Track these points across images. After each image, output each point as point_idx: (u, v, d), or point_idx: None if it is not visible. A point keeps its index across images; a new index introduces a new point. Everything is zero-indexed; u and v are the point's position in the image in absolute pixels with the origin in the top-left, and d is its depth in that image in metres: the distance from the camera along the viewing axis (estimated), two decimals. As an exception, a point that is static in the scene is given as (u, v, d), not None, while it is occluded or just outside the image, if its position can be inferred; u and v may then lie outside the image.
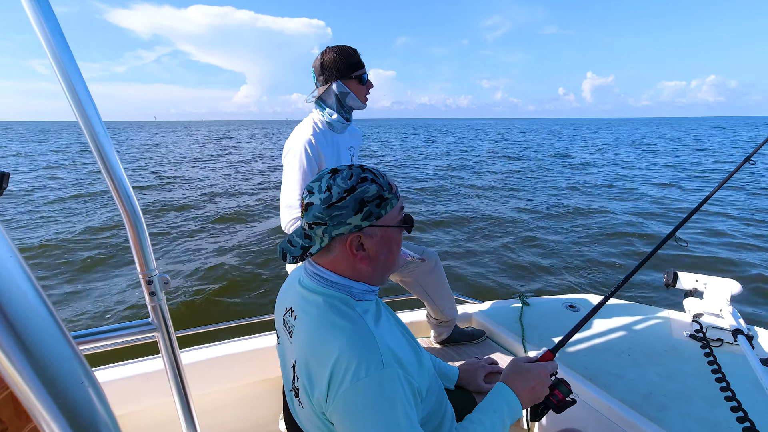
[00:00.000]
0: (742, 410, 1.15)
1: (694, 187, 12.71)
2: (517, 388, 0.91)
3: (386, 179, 0.84)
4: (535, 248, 6.95)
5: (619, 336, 1.88)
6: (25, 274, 0.29)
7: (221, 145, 36.62)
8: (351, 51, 1.64)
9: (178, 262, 6.64)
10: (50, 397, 0.30)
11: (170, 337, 1.11)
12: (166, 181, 15.38)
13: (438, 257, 1.94)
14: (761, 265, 5.91)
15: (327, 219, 0.79)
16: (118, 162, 0.93)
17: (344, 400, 0.71)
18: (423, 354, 0.87)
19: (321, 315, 0.80)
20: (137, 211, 0.98)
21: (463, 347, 2.03)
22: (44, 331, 0.30)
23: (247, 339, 1.89)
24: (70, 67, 0.85)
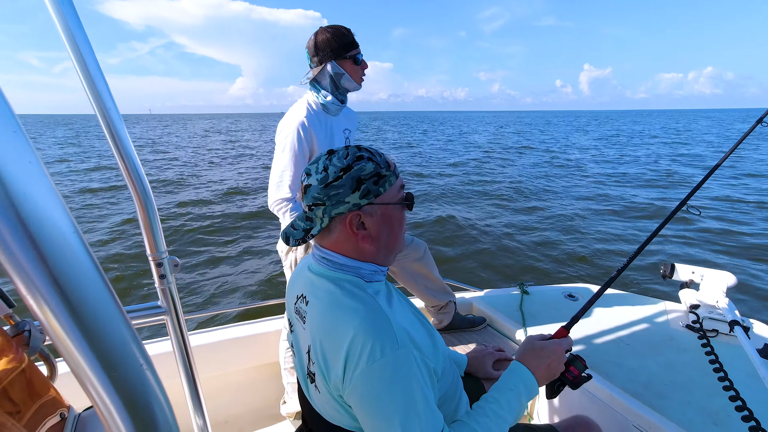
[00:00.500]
0: (741, 399, 1.17)
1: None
2: (532, 366, 0.90)
3: (384, 157, 0.83)
4: (536, 237, 7.01)
5: (619, 326, 1.91)
6: (87, 252, 0.28)
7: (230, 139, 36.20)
8: (345, 30, 1.61)
9: (186, 245, 6.61)
10: (110, 382, 0.29)
11: (179, 320, 1.10)
12: (177, 170, 15.27)
13: (426, 246, 1.94)
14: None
15: (325, 199, 0.78)
16: (131, 143, 0.91)
17: (361, 382, 0.71)
18: (437, 335, 0.87)
19: (333, 298, 0.79)
20: (148, 192, 0.96)
21: (464, 334, 2.05)
22: (105, 312, 0.29)
23: (251, 323, 1.89)
24: (86, 50, 0.85)
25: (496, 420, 0.81)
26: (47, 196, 0.26)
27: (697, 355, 1.65)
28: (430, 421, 0.71)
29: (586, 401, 1.53)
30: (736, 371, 1.36)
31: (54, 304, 0.26)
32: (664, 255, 6.16)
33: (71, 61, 0.84)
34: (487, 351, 1.23)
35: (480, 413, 0.82)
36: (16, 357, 0.79)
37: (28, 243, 0.25)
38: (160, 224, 1.01)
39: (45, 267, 0.25)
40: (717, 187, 11.02)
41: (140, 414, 0.31)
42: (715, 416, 1.33)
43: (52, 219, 0.26)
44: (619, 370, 1.57)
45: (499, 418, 0.81)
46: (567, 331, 1.02)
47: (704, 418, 1.32)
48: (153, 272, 1.04)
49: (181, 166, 16.69)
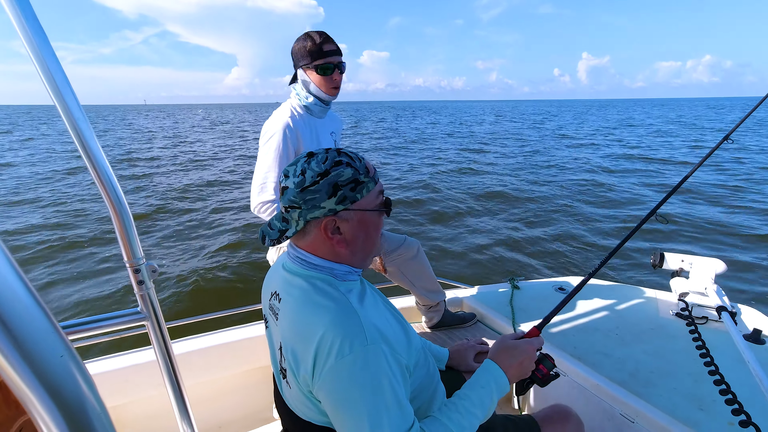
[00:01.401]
0: (725, 383, 1.18)
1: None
2: (504, 364, 0.92)
3: (363, 162, 0.83)
4: (526, 232, 7.01)
5: (607, 316, 1.91)
6: (6, 258, 0.29)
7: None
8: (314, 38, 1.57)
9: (167, 251, 6.61)
10: (31, 372, 0.30)
11: (160, 326, 1.11)
12: (153, 166, 15.23)
13: (419, 245, 1.95)
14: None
15: (301, 203, 0.79)
16: (100, 149, 0.91)
17: (330, 378, 0.72)
18: (411, 330, 0.88)
19: (304, 295, 0.80)
20: (122, 198, 0.96)
21: (454, 331, 2.05)
22: (22, 307, 0.30)
23: (238, 328, 1.89)
24: (45, 51, 0.82)
25: (467, 416, 0.81)
26: None
27: (686, 342, 1.65)
28: (398, 415, 0.72)
29: (574, 391, 1.54)
30: (723, 357, 1.36)
31: None
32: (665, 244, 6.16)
33: (34, 66, 0.82)
34: (468, 344, 1.24)
35: (452, 409, 0.83)
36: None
37: None
38: (135, 230, 1.01)
39: None
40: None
41: (65, 401, 0.32)
42: (701, 401, 1.34)
43: None
44: (607, 360, 1.58)
45: (470, 414, 0.82)
46: (539, 331, 1.04)
47: (690, 404, 1.33)
48: (131, 279, 1.04)
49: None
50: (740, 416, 1.08)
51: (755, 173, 11.82)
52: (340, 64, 1.61)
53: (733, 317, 1.59)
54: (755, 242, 6.23)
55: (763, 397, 1.14)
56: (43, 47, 0.81)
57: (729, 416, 1.11)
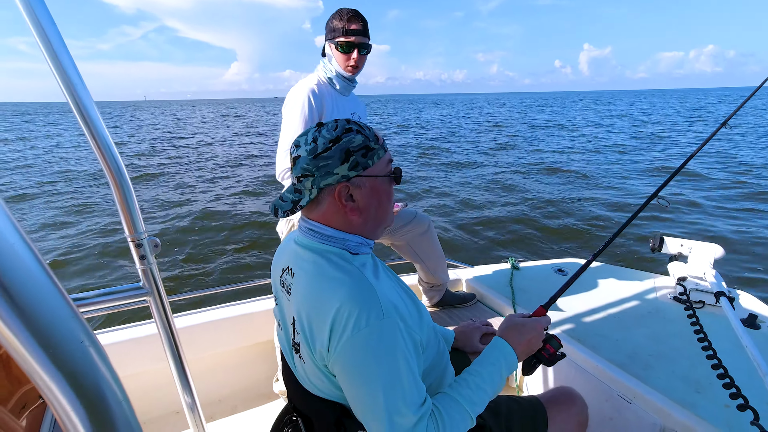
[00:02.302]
0: (723, 367, 1.19)
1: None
2: (513, 342, 0.93)
3: (372, 131, 0.83)
4: (528, 214, 7.03)
5: (607, 299, 1.93)
6: (17, 232, 0.27)
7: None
8: (341, 14, 1.61)
9: (168, 225, 6.58)
10: (48, 359, 0.28)
11: (162, 301, 1.09)
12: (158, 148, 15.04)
13: (430, 221, 1.94)
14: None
15: (314, 170, 0.79)
16: (100, 119, 0.88)
17: (346, 351, 0.72)
18: (423, 308, 0.88)
19: (319, 269, 0.80)
20: (123, 171, 0.93)
21: (454, 310, 2.06)
22: (40, 291, 0.27)
23: (240, 304, 1.89)
24: (51, 31, 0.81)
25: (477, 391, 0.82)
26: None
27: (683, 326, 1.67)
28: (413, 390, 0.72)
29: (573, 372, 1.55)
30: (720, 340, 1.37)
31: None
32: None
33: (36, 42, 0.81)
34: (474, 325, 1.24)
35: (463, 385, 0.83)
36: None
37: None
38: (137, 204, 0.99)
39: None
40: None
41: (85, 388, 0.30)
42: (698, 384, 1.36)
43: None
44: (606, 342, 1.59)
45: (480, 390, 0.83)
46: (545, 310, 1.05)
47: (687, 386, 1.35)
48: (133, 253, 1.02)
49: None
50: (738, 399, 1.10)
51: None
52: (362, 45, 1.63)
53: (731, 302, 1.60)
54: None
55: (760, 381, 1.16)
56: (51, 32, 0.81)
57: (725, 399, 1.13)
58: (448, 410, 0.77)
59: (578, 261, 2.38)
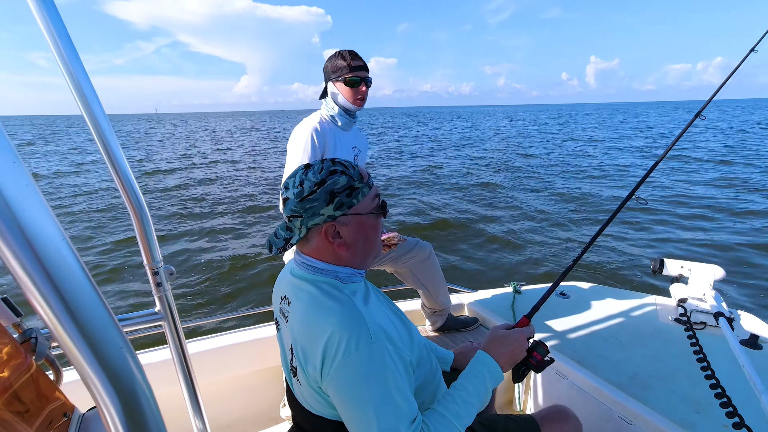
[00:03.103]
0: (720, 387, 1.22)
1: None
2: (495, 354, 0.96)
3: (357, 170, 0.90)
4: (527, 238, 7.04)
5: (607, 320, 1.95)
6: (74, 256, 0.35)
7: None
8: (342, 54, 1.75)
9: (183, 254, 6.70)
10: (97, 360, 0.35)
11: (176, 327, 1.16)
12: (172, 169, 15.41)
13: (431, 248, 2.01)
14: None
15: (302, 212, 0.85)
16: (123, 156, 0.98)
17: (337, 374, 0.78)
18: (413, 328, 0.94)
19: (312, 299, 0.86)
20: (143, 204, 1.02)
21: (457, 334, 2.09)
22: (90, 302, 0.35)
23: (249, 329, 1.95)
24: (74, 62, 0.88)
25: (463, 405, 0.87)
26: (42, 213, 0.33)
27: (684, 347, 1.69)
28: (404, 408, 0.78)
29: (573, 393, 1.57)
30: (719, 361, 1.39)
31: (55, 306, 0.33)
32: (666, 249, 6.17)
33: (62, 76, 0.87)
34: (472, 346, 1.29)
35: (449, 400, 0.88)
36: (25, 362, 0.86)
37: (34, 258, 0.31)
38: (155, 234, 1.07)
39: (49, 279, 0.32)
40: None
41: (122, 385, 0.37)
42: (697, 404, 1.37)
43: (46, 232, 0.33)
44: (606, 363, 1.62)
45: (466, 403, 0.87)
46: (529, 320, 1.08)
47: (686, 406, 1.37)
48: (150, 281, 1.10)
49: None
50: (734, 418, 1.12)
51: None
52: (366, 79, 1.77)
53: (730, 323, 1.62)
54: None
55: (756, 400, 1.18)
56: (72, 59, 0.87)
57: (723, 419, 1.14)
58: (435, 426, 0.82)
59: (579, 284, 2.41)
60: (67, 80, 0.89)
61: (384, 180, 13.01)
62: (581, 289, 2.34)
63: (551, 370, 1.68)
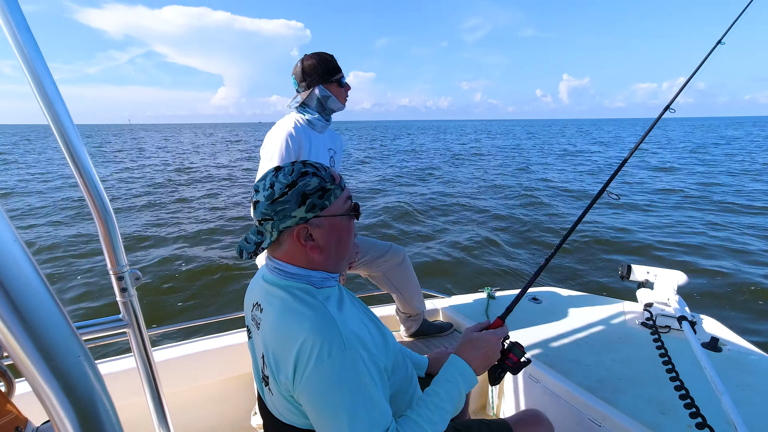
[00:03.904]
0: (684, 389, 1.26)
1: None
2: (468, 357, 0.95)
3: (329, 171, 0.88)
4: (500, 244, 7.15)
5: (579, 325, 1.99)
6: (28, 259, 0.32)
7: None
8: (328, 57, 1.73)
9: (151, 258, 6.47)
10: (50, 370, 0.33)
11: (142, 334, 1.11)
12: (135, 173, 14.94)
13: (405, 252, 2.00)
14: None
15: (273, 214, 0.83)
16: (87, 157, 0.93)
17: (310, 382, 0.75)
18: (388, 333, 0.93)
19: (284, 305, 0.84)
20: (107, 206, 0.97)
21: (431, 340, 2.09)
22: (44, 309, 0.32)
23: (219, 336, 1.89)
24: (38, 62, 0.84)
25: (436, 411, 0.86)
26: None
27: (650, 350, 1.74)
28: (377, 416, 0.76)
29: (546, 398, 1.60)
30: (683, 363, 1.44)
31: (3, 311, 0.30)
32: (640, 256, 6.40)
33: (24, 73, 0.84)
34: (446, 352, 1.28)
35: (422, 406, 0.87)
36: None
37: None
38: (120, 237, 1.02)
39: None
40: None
41: (78, 396, 0.35)
42: (663, 406, 1.42)
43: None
44: (578, 367, 1.65)
45: (439, 409, 0.86)
46: (502, 321, 1.07)
47: (653, 408, 1.41)
48: (114, 286, 1.05)
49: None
50: (697, 419, 1.16)
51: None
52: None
53: (692, 326, 1.68)
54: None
55: (718, 401, 1.22)
56: (35, 59, 0.83)
57: (688, 419, 1.18)
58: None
59: (552, 290, 2.46)
60: (27, 78, 0.85)
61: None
62: (554, 294, 2.39)
63: (525, 374, 1.70)
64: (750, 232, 7.61)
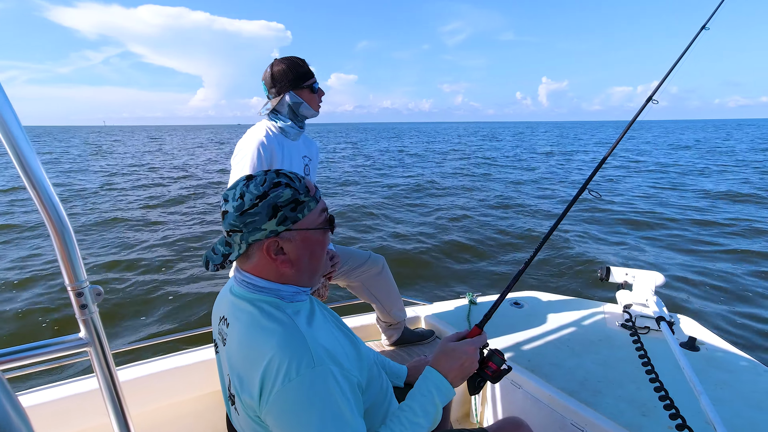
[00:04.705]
0: (664, 390, 1.26)
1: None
2: (444, 369, 0.91)
3: (303, 182, 0.84)
4: (480, 250, 7.18)
5: (560, 329, 1.99)
6: None
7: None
8: (300, 61, 1.67)
9: (113, 271, 6.26)
10: None
11: (104, 353, 1.05)
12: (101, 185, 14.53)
13: (384, 261, 1.97)
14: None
15: (242, 226, 0.79)
16: (40, 165, 0.87)
17: (277, 402, 0.71)
18: (362, 346, 0.89)
19: (251, 320, 0.80)
20: (63, 217, 0.91)
21: (413, 348, 2.06)
22: None
23: (188, 352, 1.82)
24: None
25: (411, 426, 0.82)
26: None
27: (630, 351, 1.75)
28: None
29: (528, 403, 1.58)
30: (662, 364, 1.45)
31: None
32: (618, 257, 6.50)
33: None
34: (425, 360, 1.26)
35: (396, 422, 0.83)
36: None
37: None
38: (79, 251, 0.97)
39: None
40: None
41: None
42: (644, 407, 1.41)
43: None
44: (558, 371, 1.64)
45: (414, 425, 0.83)
46: (481, 329, 1.04)
47: (634, 410, 1.40)
48: (73, 303, 0.99)
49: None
50: (677, 420, 1.15)
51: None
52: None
53: (670, 326, 1.69)
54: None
55: (697, 402, 1.22)
56: None
57: (668, 420, 1.18)
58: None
59: (533, 294, 2.46)
60: None
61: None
62: (534, 299, 2.39)
63: (506, 380, 1.68)
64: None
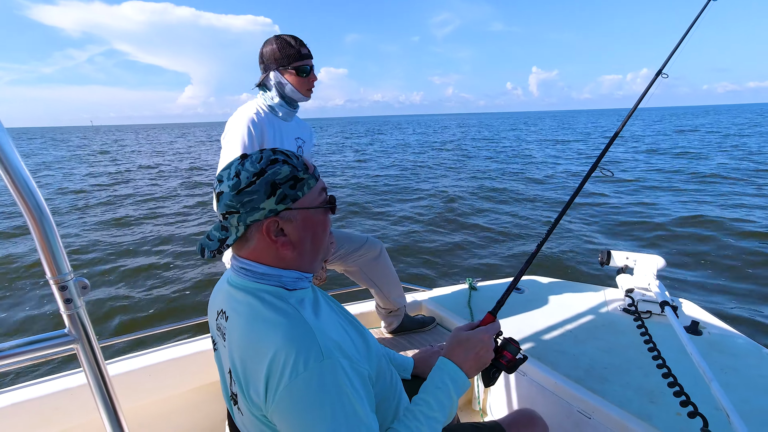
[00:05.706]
0: (672, 376, 1.23)
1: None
2: (458, 359, 0.88)
3: (301, 160, 0.80)
4: (480, 233, 7.18)
5: (563, 314, 1.96)
6: None
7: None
8: (291, 42, 1.59)
9: (102, 263, 6.15)
10: None
11: (93, 348, 0.99)
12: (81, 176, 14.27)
13: (382, 245, 1.92)
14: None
15: (239, 206, 0.74)
16: (14, 150, 0.80)
17: (285, 398, 0.66)
18: (370, 337, 0.84)
19: (253, 312, 0.74)
20: (42, 206, 0.84)
21: (414, 335, 2.03)
22: None
23: (183, 343, 1.76)
24: None
25: (426, 421, 0.78)
26: None
27: (634, 336, 1.72)
28: (362, 430, 0.67)
29: (534, 391, 1.55)
30: (668, 349, 1.42)
31: None
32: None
33: None
34: (432, 350, 1.21)
35: (410, 417, 0.79)
36: None
37: None
38: (61, 241, 0.89)
39: None
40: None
41: None
42: (651, 394, 1.39)
43: None
44: (564, 358, 1.61)
45: (429, 419, 0.79)
46: (494, 317, 1.00)
47: (641, 397, 1.38)
48: (56, 297, 0.92)
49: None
50: (688, 407, 1.13)
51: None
52: (313, 67, 1.64)
53: (674, 311, 1.67)
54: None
55: (707, 387, 1.20)
56: None
57: (677, 407, 1.15)
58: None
59: (535, 278, 2.43)
60: None
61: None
62: (536, 283, 2.36)
63: None
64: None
